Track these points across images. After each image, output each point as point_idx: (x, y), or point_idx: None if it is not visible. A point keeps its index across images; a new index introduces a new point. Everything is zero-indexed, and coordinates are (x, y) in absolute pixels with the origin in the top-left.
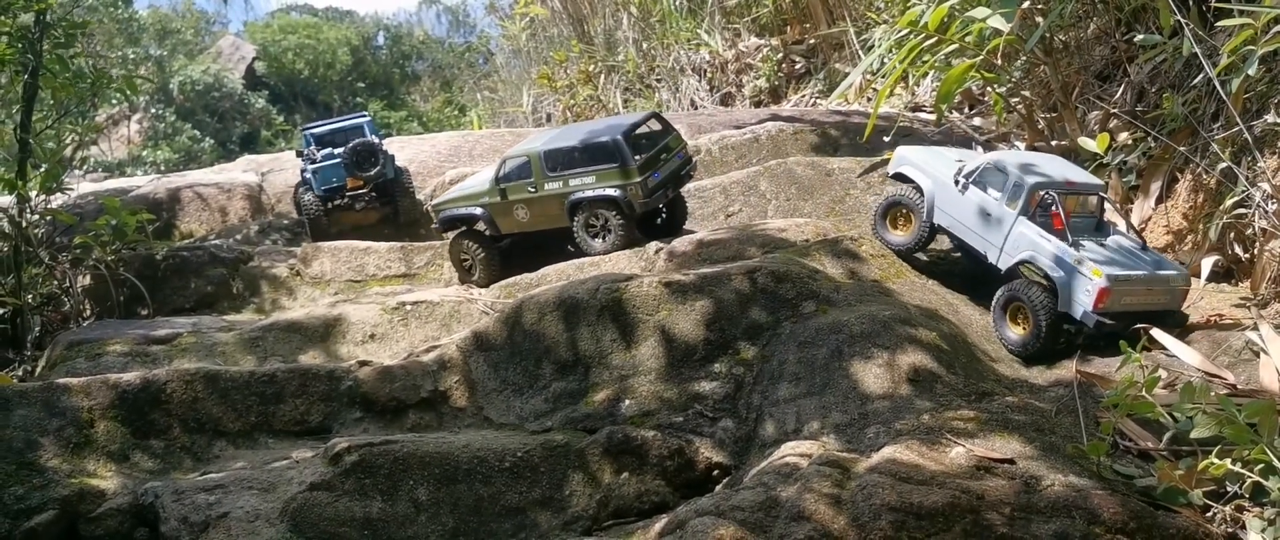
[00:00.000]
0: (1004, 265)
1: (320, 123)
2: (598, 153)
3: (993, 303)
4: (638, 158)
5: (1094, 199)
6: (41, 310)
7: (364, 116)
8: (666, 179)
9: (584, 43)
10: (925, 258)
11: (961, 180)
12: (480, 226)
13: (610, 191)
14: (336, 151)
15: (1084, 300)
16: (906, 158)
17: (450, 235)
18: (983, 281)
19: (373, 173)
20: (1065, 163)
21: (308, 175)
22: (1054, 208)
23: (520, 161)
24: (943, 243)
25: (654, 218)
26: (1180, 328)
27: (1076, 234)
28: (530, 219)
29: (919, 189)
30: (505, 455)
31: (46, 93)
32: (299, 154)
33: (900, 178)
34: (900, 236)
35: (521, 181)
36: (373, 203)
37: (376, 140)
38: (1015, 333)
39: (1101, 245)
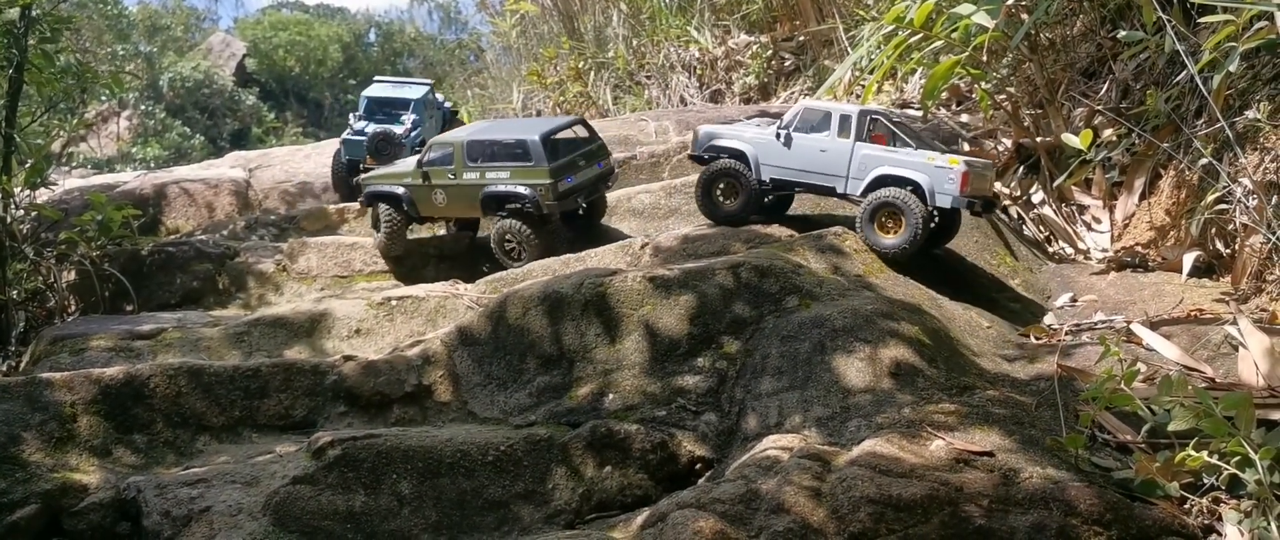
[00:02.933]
0: (855, 189)
1: (384, 81)
2: (516, 150)
3: (859, 220)
4: (554, 161)
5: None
6: (26, 306)
7: (424, 86)
8: (581, 186)
9: (574, 39)
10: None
11: (783, 132)
12: (403, 205)
13: (521, 188)
14: (368, 130)
15: (951, 188)
16: (714, 132)
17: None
18: (963, 283)
19: (386, 156)
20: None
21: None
22: (876, 131)
23: (446, 150)
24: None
25: (573, 212)
26: (990, 212)
27: None
28: (446, 204)
29: (739, 155)
30: (488, 449)
31: (32, 88)
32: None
33: (699, 159)
34: (731, 206)
35: (443, 167)
36: None
37: (410, 123)
38: (890, 238)
39: (929, 149)
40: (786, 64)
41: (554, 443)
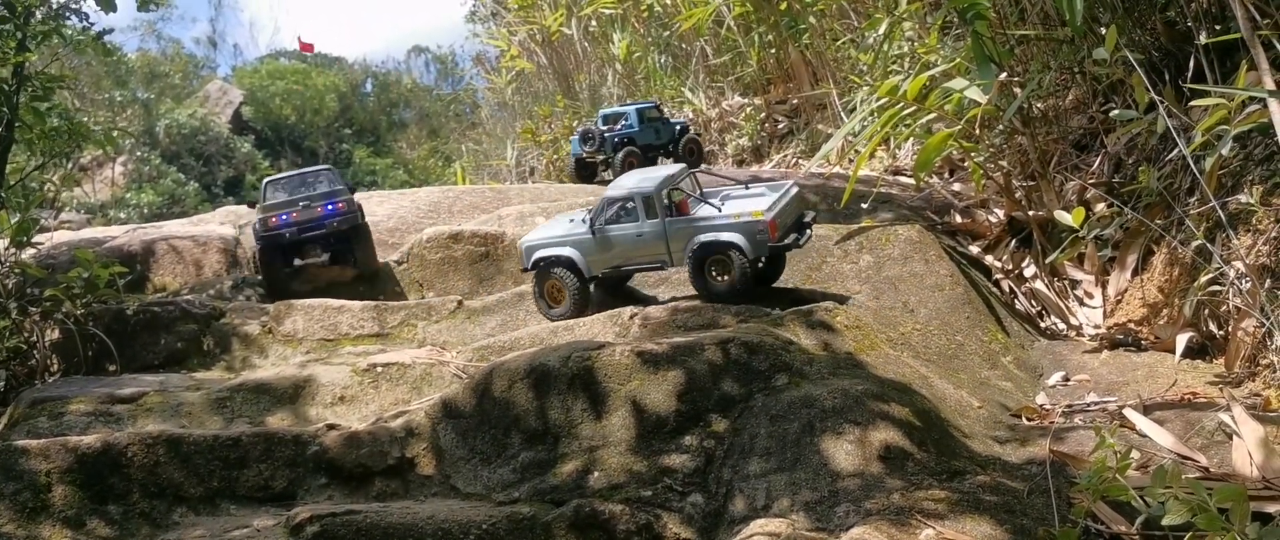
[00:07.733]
0: (681, 261)
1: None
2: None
3: (690, 271)
4: (270, 197)
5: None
6: (7, 364)
7: (647, 104)
8: (295, 223)
9: (569, 98)
10: (894, 334)
11: (596, 229)
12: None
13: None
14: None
15: (763, 237)
16: (534, 245)
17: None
18: (956, 360)
19: (592, 148)
20: (639, 172)
21: None
22: (678, 198)
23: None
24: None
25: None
26: (806, 239)
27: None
28: None
29: (565, 263)
30: (470, 528)
31: (23, 142)
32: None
33: (537, 268)
34: (560, 308)
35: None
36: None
37: (619, 125)
38: (720, 284)
39: (732, 200)
40: (779, 127)
41: (537, 522)
